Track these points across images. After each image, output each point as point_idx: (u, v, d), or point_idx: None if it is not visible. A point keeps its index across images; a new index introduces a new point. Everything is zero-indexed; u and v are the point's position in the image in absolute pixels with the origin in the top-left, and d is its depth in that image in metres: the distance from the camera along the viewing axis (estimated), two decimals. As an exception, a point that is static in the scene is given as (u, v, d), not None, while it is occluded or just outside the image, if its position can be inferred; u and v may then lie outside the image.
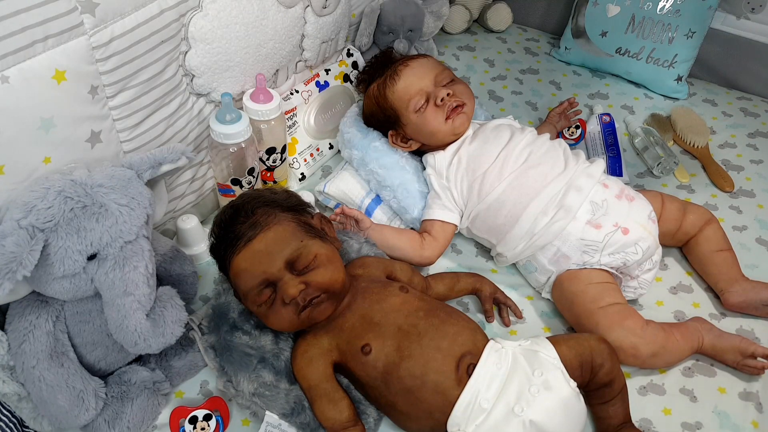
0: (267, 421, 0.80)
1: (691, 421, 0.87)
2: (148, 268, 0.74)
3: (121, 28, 0.76)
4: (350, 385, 0.83)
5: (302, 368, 0.81)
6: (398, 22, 1.29)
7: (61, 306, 0.77)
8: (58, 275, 0.70)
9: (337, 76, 1.24)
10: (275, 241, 0.79)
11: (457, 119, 1.06)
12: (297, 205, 0.88)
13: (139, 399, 0.80)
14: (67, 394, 0.74)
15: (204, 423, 0.81)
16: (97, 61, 0.76)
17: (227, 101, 0.93)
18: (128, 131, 0.85)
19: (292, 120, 1.16)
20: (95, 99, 0.78)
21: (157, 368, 0.85)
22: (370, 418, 0.81)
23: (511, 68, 1.54)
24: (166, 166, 0.81)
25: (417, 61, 1.11)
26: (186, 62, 0.89)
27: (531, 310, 1.02)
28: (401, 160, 1.11)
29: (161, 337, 0.74)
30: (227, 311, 0.86)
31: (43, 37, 0.69)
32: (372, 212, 1.11)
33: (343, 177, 1.14)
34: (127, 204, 0.73)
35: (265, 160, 1.07)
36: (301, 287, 0.78)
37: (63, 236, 0.69)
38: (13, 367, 0.75)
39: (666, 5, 1.37)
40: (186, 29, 0.86)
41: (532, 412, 0.73)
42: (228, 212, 0.84)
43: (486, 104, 1.41)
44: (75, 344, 0.78)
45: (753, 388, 0.91)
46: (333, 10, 1.11)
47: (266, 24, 0.96)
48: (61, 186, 0.70)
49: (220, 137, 0.94)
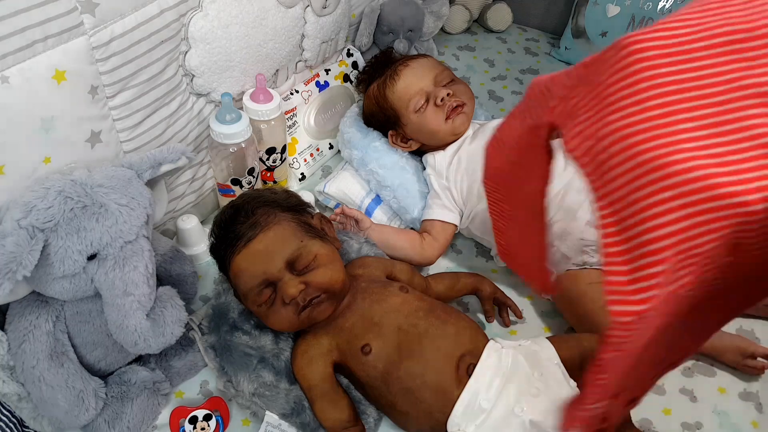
0: (267, 421, 0.80)
1: (691, 421, 0.87)
2: (148, 268, 0.74)
3: (121, 28, 0.76)
4: (350, 386, 0.83)
5: (302, 368, 0.81)
6: (398, 22, 1.29)
7: (61, 306, 0.77)
8: (58, 275, 0.70)
9: (337, 76, 1.24)
10: (275, 241, 0.79)
11: (457, 119, 1.06)
12: (297, 205, 0.88)
13: (139, 399, 0.80)
14: (67, 394, 0.74)
15: (204, 423, 0.81)
16: (97, 61, 0.75)
17: (227, 101, 0.93)
18: (128, 131, 0.85)
19: (292, 120, 1.16)
20: (95, 99, 0.78)
21: (157, 368, 0.85)
22: (370, 418, 0.81)
23: (511, 68, 1.54)
24: (166, 166, 0.81)
25: (417, 61, 1.11)
26: (186, 62, 0.89)
27: (531, 310, 1.02)
28: (401, 160, 1.11)
29: (161, 337, 0.74)
30: (227, 311, 0.86)
31: (43, 37, 0.69)
32: (372, 212, 1.11)
33: (343, 177, 1.14)
34: (127, 204, 0.73)
35: (265, 160, 1.07)
36: (301, 287, 0.78)
37: (63, 236, 0.68)
38: (13, 367, 0.75)
39: (666, 5, 1.37)
40: (186, 29, 0.86)
41: (533, 412, 0.73)
42: (228, 212, 0.84)
43: (486, 104, 1.41)
44: (75, 344, 0.78)
45: (753, 388, 0.91)
46: (333, 10, 1.11)
47: (266, 24, 0.96)
48: (61, 186, 0.70)
49: (220, 137, 0.94)
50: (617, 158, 0.35)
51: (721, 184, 0.34)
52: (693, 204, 0.34)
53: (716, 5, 0.37)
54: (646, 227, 0.34)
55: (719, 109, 0.36)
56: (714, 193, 0.34)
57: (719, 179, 0.34)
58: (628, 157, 0.35)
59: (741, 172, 0.35)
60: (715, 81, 0.36)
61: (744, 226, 0.34)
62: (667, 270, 0.34)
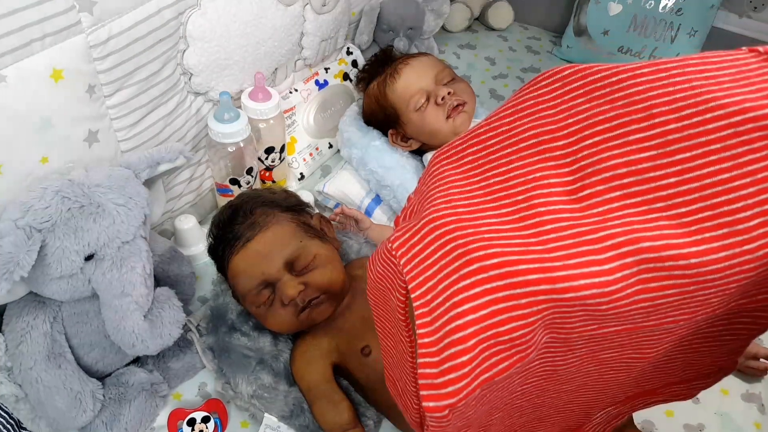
0: (266, 423, 0.79)
1: (694, 422, 0.86)
2: (146, 268, 0.74)
3: (118, 27, 0.75)
4: (350, 387, 0.82)
5: (301, 370, 0.81)
6: (398, 20, 1.28)
7: (59, 307, 0.77)
8: (55, 276, 0.70)
9: (336, 75, 1.23)
10: (274, 242, 0.79)
11: (457, 118, 1.05)
12: (296, 205, 0.87)
13: (136, 401, 0.79)
14: (64, 395, 0.74)
15: (202, 425, 0.80)
16: (95, 59, 0.75)
17: (225, 100, 0.92)
18: (126, 130, 0.84)
19: (291, 119, 1.15)
20: (93, 98, 0.77)
21: (154, 370, 0.84)
22: (369, 420, 0.81)
23: (512, 67, 1.53)
24: (164, 165, 0.80)
25: (417, 59, 1.10)
26: (184, 61, 0.88)
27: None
28: (401, 159, 1.10)
29: (159, 338, 0.74)
30: (225, 312, 0.85)
31: (41, 35, 0.68)
32: (372, 212, 1.10)
33: (342, 176, 1.13)
34: (125, 204, 0.72)
35: (264, 160, 1.07)
36: (300, 288, 0.77)
37: (60, 236, 0.68)
38: (11, 368, 0.75)
39: (668, 4, 1.36)
40: (184, 27, 0.85)
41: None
42: (226, 212, 0.84)
43: (487, 103, 1.40)
44: (72, 345, 0.78)
45: (755, 389, 0.90)
46: (332, 8, 1.10)
47: (265, 22, 0.96)
48: (58, 186, 0.69)
49: (219, 136, 0.94)
50: (430, 248, 0.36)
51: (525, 271, 0.35)
52: (495, 290, 0.34)
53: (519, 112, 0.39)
54: (452, 314, 0.34)
55: (518, 197, 0.38)
56: (517, 280, 0.35)
57: (523, 266, 0.35)
58: (438, 246, 0.36)
59: (545, 260, 0.35)
60: (513, 175, 0.38)
61: (561, 313, 0.34)
62: (475, 357, 0.34)
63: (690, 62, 0.35)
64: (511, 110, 0.39)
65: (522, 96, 0.40)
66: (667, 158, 0.34)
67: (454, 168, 0.39)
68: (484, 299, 0.34)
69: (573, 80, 0.37)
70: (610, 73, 0.36)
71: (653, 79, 0.35)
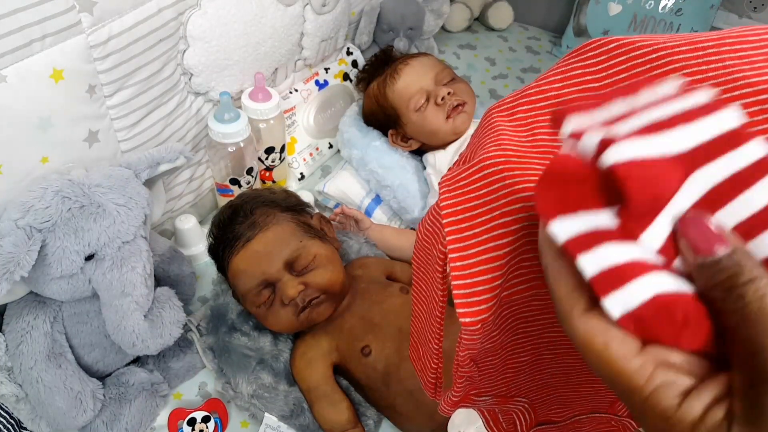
0: (266, 423, 0.79)
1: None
2: (146, 268, 0.74)
3: (119, 27, 0.75)
4: (350, 387, 0.82)
5: (301, 370, 0.81)
6: (398, 20, 1.28)
7: (59, 307, 0.77)
8: (55, 276, 0.70)
9: (336, 75, 1.23)
10: (274, 242, 0.79)
11: (458, 118, 1.05)
12: (296, 205, 0.87)
13: (137, 401, 0.79)
14: (64, 395, 0.74)
15: (202, 425, 0.80)
16: (95, 59, 0.75)
17: (226, 100, 0.92)
18: (126, 130, 0.84)
19: (291, 119, 1.15)
20: (93, 98, 0.77)
21: (155, 369, 0.84)
22: (370, 420, 0.81)
23: (512, 67, 1.53)
24: (164, 165, 0.80)
25: (417, 59, 1.10)
26: (184, 61, 0.88)
27: (532, 310, 1.01)
28: (401, 159, 1.10)
29: (159, 338, 0.74)
30: (226, 312, 0.85)
31: (41, 35, 0.68)
32: (372, 212, 1.10)
33: (342, 177, 1.13)
34: (125, 204, 0.72)
35: (264, 160, 1.07)
36: (300, 288, 0.77)
37: (60, 236, 0.68)
38: (11, 368, 0.75)
39: (668, 4, 1.36)
40: (184, 28, 0.85)
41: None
42: (226, 212, 0.84)
43: (487, 103, 1.40)
44: (73, 345, 0.78)
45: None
46: (332, 8, 1.10)
47: (265, 22, 0.96)
48: (58, 186, 0.69)
49: (219, 136, 0.94)
50: (475, 185, 0.38)
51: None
52: (532, 228, 0.35)
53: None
54: (487, 245, 0.36)
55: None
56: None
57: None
58: (484, 184, 0.38)
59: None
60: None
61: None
62: (501, 276, 0.36)
63: (727, 40, 0.36)
64: (560, 76, 0.41)
65: (570, 63, 0.42)
66: None
67: (506, 120, 0.41)
68: (519, 234, 0.35)
69: (617, 54, 0.39)
70: (651, 50, 0.38)
71: (689, 57, 0.36)
